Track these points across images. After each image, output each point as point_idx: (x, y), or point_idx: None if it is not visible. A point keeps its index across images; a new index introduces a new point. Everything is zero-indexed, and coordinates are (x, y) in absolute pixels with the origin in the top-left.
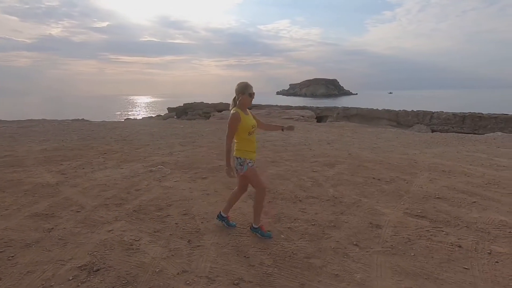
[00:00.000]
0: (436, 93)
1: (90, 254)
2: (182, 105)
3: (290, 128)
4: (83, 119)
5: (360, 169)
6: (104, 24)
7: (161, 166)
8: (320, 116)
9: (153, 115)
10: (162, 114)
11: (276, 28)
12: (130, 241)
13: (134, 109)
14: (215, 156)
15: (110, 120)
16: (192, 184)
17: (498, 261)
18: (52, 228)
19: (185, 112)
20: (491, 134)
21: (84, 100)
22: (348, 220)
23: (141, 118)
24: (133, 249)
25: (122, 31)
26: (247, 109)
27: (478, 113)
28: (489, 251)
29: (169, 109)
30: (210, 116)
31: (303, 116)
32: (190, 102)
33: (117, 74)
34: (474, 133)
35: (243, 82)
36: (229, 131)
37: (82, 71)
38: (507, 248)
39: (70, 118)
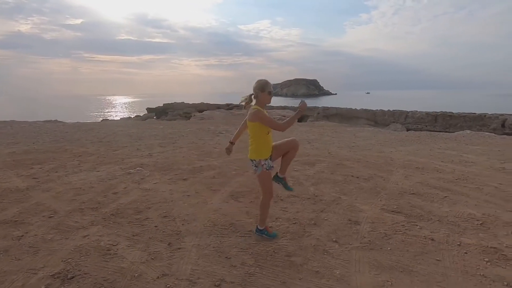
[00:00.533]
0: (410, 93)
1: (64, 261)
2: (161, 105)
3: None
4: (56, 120)
5: (340, 168)
6: (78, 21)
7: (140, 168)
8: (301, 116)
9: (132, 116)
10: (141, 115)
11: (256, 28)
12: (107, 246)
13: (111, 110)
14: (196, 157)
15: (86, 121)
16: (172, 186)
17: (467, 252)
18: (22, 236)
19: (165, 113)
20: (461, 132)
21: (57, 100)
22: (328, 217)
23: (118, 119)
24: (110, 254)
25: (97, 29)
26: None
27: (449, 112)
28: (459, 243)
29: (148, 109)
30: (191, 116)
31: (284, 116)
32: (170, 102)
33: (93, 73)
34: (446, 131)
35: (263, 80)
36: (271, 122)
37: (55, 70)
38: (475, 240)
39: (42, 120)
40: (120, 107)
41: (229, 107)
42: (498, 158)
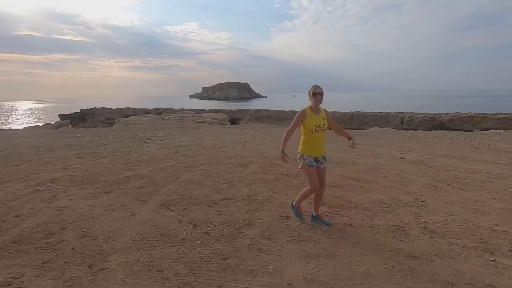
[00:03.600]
0: (330, 95)
1: None
2: (78, 111)
3: (353, 144)
4: None
5: (271, 167)
6: None
7: (51, 184)
8: (234, 119)
9: (40, 124)
10: (52, 123)
11: (184, 30)
12: (7, 280)
13: (11, 118)
14: (122, 167)
15: None
16: (93, 201)
17: (378, 232)
18: None
19: (83, 119)
20: (371, 129)
21: None
22: (261, 216)
23: (22, 128)
24: None
25: None
26: (321, 109)
27: (362, 112)
28: (371, 225)
29: (62, 116)
30: (115, 122)
31: (217, 119)
32: (89, 108)
33: None
34: (360, 129)
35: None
36: (291, 124)
37: None
38: (383, 221)
39: None
40: (23, 114)
41: (158, 111)
42: (399, 150)
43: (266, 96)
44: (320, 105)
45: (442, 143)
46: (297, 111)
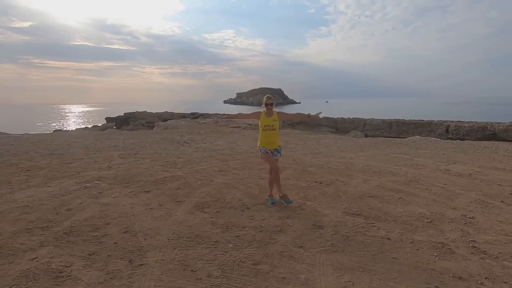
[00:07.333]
0: (364, 101)
1: None
2: (122, 114)
3: (317, 115)
4: None
5: (304, 174)
6: (26, 24)
7: (98, 181)
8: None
9: (89, 126)
10: (100, 125)
11: (221, 38)
12: (59, 268)
13: (65, 120)
14: (160, 168)
15: (35, 132)
16: (134, 199)
17: (419, 248)
18: None
19: (126, 122)
20: (412, 137)
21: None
22: (293, 223)
23: (74, 129)
24: (63, 276)
25: (48, 33)
26: (274, 112)
27: (402, 119)
28: (411, 241)
29: (108, 119)
30: (154, 126)
31: (250, 125)
32: (131, 111)
33: (43, 80)
34: (399, 137)
35: (265, 96)
36: (248, 113)
37: None
38: (425, 236)
39: None
40: (75, 116)
41: (194, 116)
42: (443, 161)
43: (299, 102)
44: (274, 109)
45: (494, 155)
46: (332, 117)
